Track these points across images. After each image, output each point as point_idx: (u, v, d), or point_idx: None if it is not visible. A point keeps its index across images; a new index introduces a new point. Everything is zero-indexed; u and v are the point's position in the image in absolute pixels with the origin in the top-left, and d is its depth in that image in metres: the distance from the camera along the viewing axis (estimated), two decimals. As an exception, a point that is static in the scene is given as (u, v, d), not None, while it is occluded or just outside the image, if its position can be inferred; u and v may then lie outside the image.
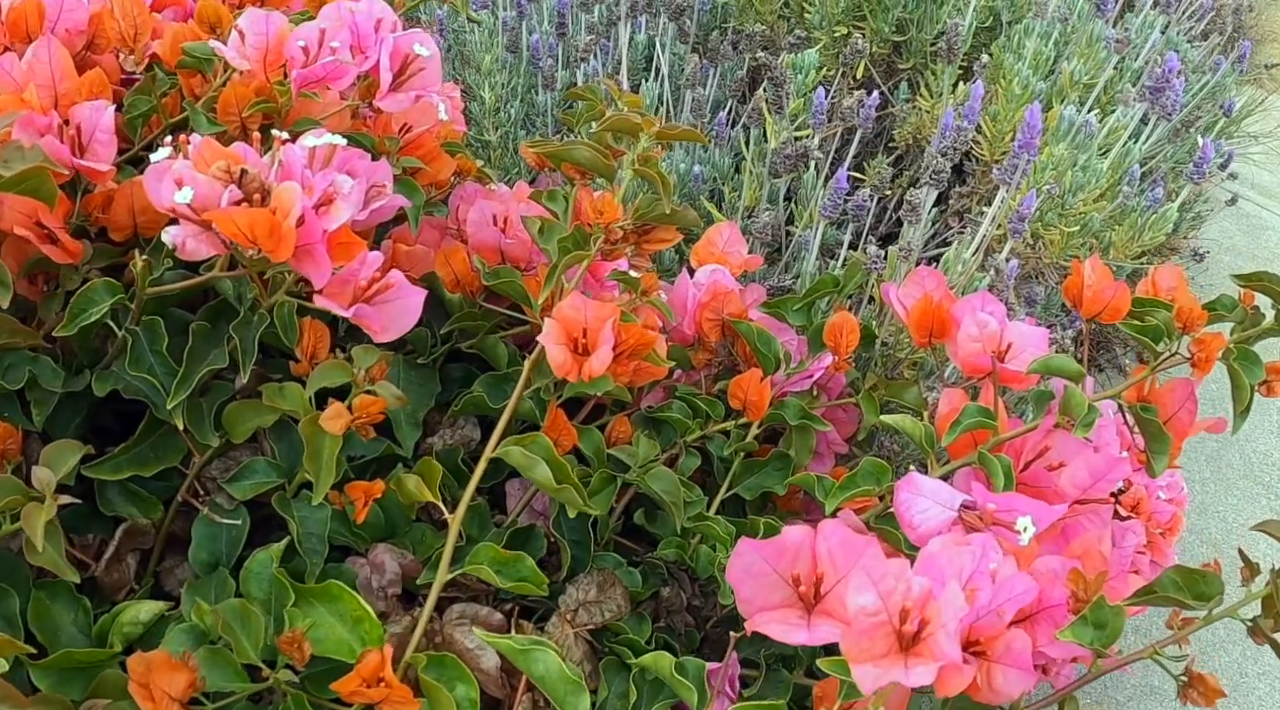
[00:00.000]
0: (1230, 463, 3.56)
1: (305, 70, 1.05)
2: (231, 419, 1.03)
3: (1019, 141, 1.50)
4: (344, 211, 0.87)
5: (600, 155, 1.09)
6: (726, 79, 2.37)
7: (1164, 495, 1.50)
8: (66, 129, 1.06)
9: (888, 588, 0.76)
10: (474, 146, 2.16)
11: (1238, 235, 5.02)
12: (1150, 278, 1.24)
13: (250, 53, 1.07)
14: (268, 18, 1.09)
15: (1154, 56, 2.25)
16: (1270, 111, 5.57)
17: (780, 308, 1.38)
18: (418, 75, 1.12)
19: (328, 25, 1.08)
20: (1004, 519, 0.94)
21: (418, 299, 0.99)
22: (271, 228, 0.83)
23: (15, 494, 0.88)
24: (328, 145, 0.94)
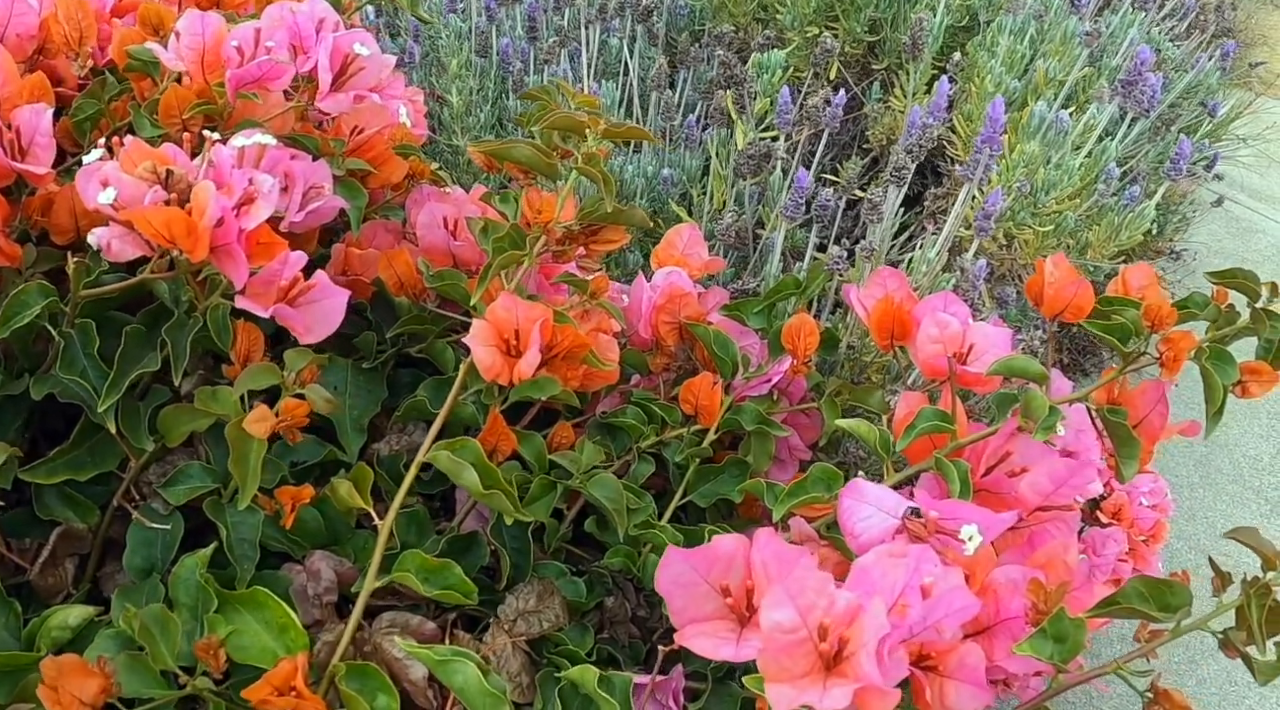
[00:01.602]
0: (1219, 467, 3.56)
1: (240, 71, 1.05)
2: (166, 423, 1.03)
3: (982, 136, 1.50)
4: (263, 211, 0.87)
5: (541, 154, 1.09)
6: (699, 81, 2.38)
7: (1147, 502, 1.50)
8: (7, 132, 1.06)
9: (807, 603, 0.75)
10: (444, 151, 2.17)
11: (1227, 238, 5.02)
12: (1121, 276, 1.23)
13: (186, 54, 1.07)
14: (203, 19, 1.09)
15: (1132, 53, 2.25)
16: (1260, 114, 5.55)
17: (740, 310, 1.38)
18: (358, 75, 1.12)
19: (265, 25, 1.08)
20: (948, 528, 0.93)
21: (341, 300, 0.98)
22: (188, 227, 0.83)
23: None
24: (257, 145, 0.94)
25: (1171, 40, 2.76)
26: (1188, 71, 2.58)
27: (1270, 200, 5.66)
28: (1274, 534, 3.30)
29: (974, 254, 1.53)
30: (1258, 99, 6.62)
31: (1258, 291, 1.20)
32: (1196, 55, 2.60)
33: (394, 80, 1.42)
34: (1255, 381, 1.21)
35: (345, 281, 1.28)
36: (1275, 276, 3.76)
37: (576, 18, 2.31)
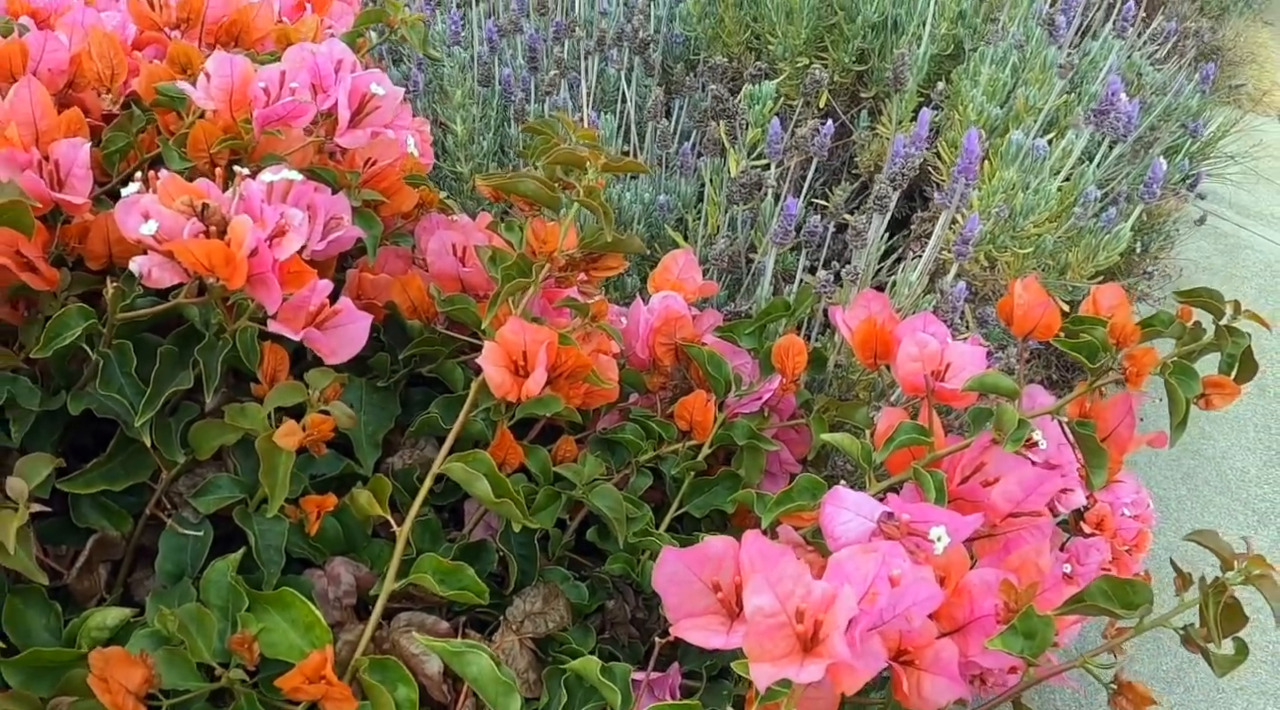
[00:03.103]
0: (1206, 480, 3.62)
1: (266, 110, 1.13)
2: (197, 437, 1.11)
3: (958, 166, 1.58)
4: (294, 242, 0.95)
5: (545, 187, 1.18)
6: (694, 109, 2.47)
7: (1129, 512, 1.57)
8: (46, 164, 1.14)
9: (785, 591, 0.84)
10: (447, 177, 2.25)
11: (1215, 255, 5.09)
12: (1092, 296, 1.31)
13: (215, 93, 1.16)
14: (232, 61, 1.17)
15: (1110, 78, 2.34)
16: (1247, 131, 5.63)
17: (733, 332, 1.46)
18: (375, 113, 1.21)
19: (289, 67, 1.17)
20: (919, 529, 1.01)
21: (364, 324, 1.07)
22: (226, 258, 0.92)
23: (-10, 505, 0.96)
24: (284, 180, 1.03)
25: (1152, 64, 2.84)
26: (1166, 94, 2.66)
27: (1258, 216, 5.73)
28: (1261, 545, 3.38)
29: (953, 277, 1.61)
30: (1245, 116, 6.71)
31: (1221, 309, 1.28)
32: (1176, 79, 2.69)
33: (402, 111, 1.51)
34: (1218, 394, 1.29)
35: (360, 305, 1.36)
36: (1262, 292, 3.93)
37: (576, 48, 2.41)
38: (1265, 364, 4.23)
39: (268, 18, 1.58)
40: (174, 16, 1.52)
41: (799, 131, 1.87)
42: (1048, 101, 2.14)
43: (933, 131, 2.33)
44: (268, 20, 1.58)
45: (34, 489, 1.00)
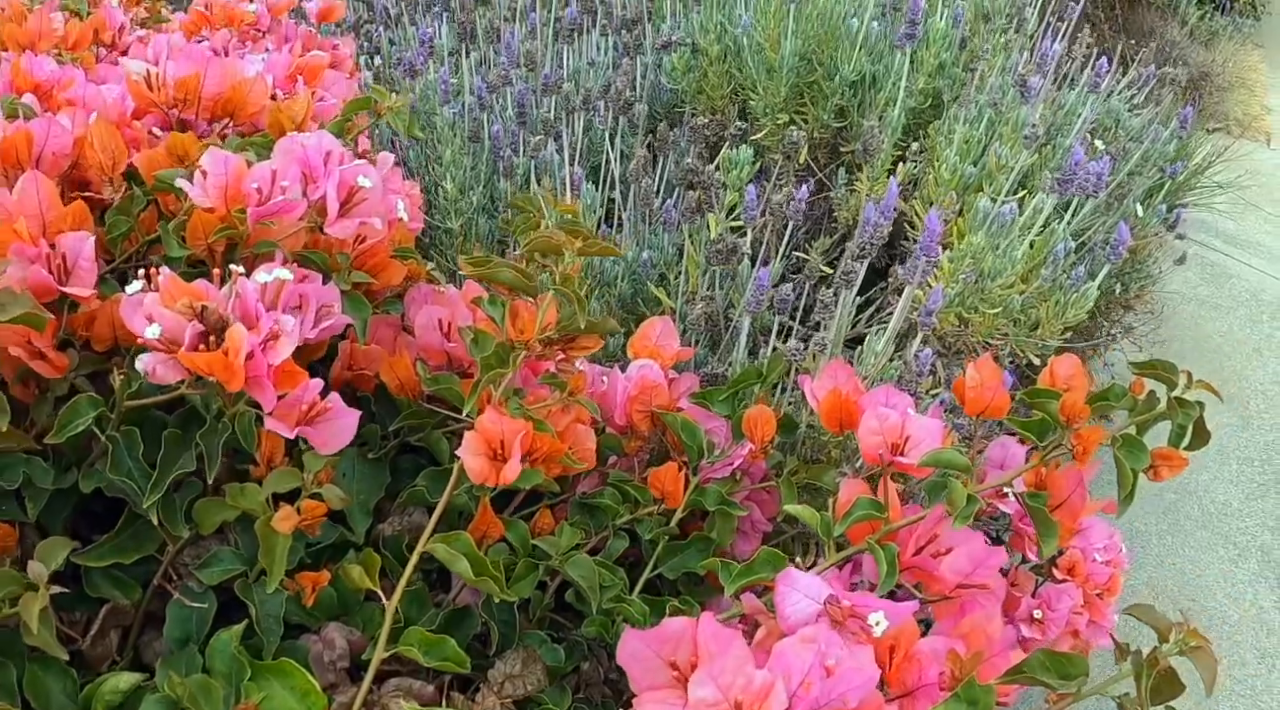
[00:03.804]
0: (1188, 513, 3.71)
1: (260, 209, 1.24)
2: (201, 514, 1.21)
3: (920, 244, 1.68)
4: (286, 348, 1.06)
5: (522, 276, 1.28)
6: (678, 166, 2.57)
7: (1101, 557, 1.67)
8: (53, 256, 1.24)
9: (726, 682, 0.94)
10: (437, 233, 2.36)
11: (1201, 285, 5.20)
12: (1050, 367, 1.41)
13: (212, 192, 1.26)
14: (226, 159, 1.27)
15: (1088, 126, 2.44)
16: (1236, 158, 5.72)
17: (707, 399, 1.56)
18: (362, 204, 1.31)
19: (280, 163, 1.27)
20: (860, 613, 1.11)
21: (352, 419, 1.17)
22: (225, 365, 1.02)
23: (13, 585, 1.07)
24: (277, 280, 1.13)
25: (1131, 108, 2.94)
26: (1143, 142, 2.77)
27: (1244, 245, 5.82)
28: (1241, 579, 3.47)
29: (918, 345, 1.71)
30: (1235, 143, 6.81)
31: (1174, 381, 1.37)
32: (1151, 128, 2.79)
33: (391, 175, 1.61)
34: (1166, 466, 1.40)
35: (351, 375, 1.47)
36: (1248, 320, 4.06)
37: (564, 102, 2.51)
38: (1249, 397, 4.35)
39: (261, 93, 1.68)
40: (171, 97, 1.62)
41: (777, 196, 1.97)
42: (1019, 161, 2.24)
43: (911, 184, 2.44)
44: (261, 96, 1.68)
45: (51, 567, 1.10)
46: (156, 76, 1.62)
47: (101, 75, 1.86)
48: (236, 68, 1.68)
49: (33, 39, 2.00)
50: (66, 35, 2.05)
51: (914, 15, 2.29)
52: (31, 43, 2.00)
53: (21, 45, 1.99)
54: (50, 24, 2.04)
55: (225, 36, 2.19)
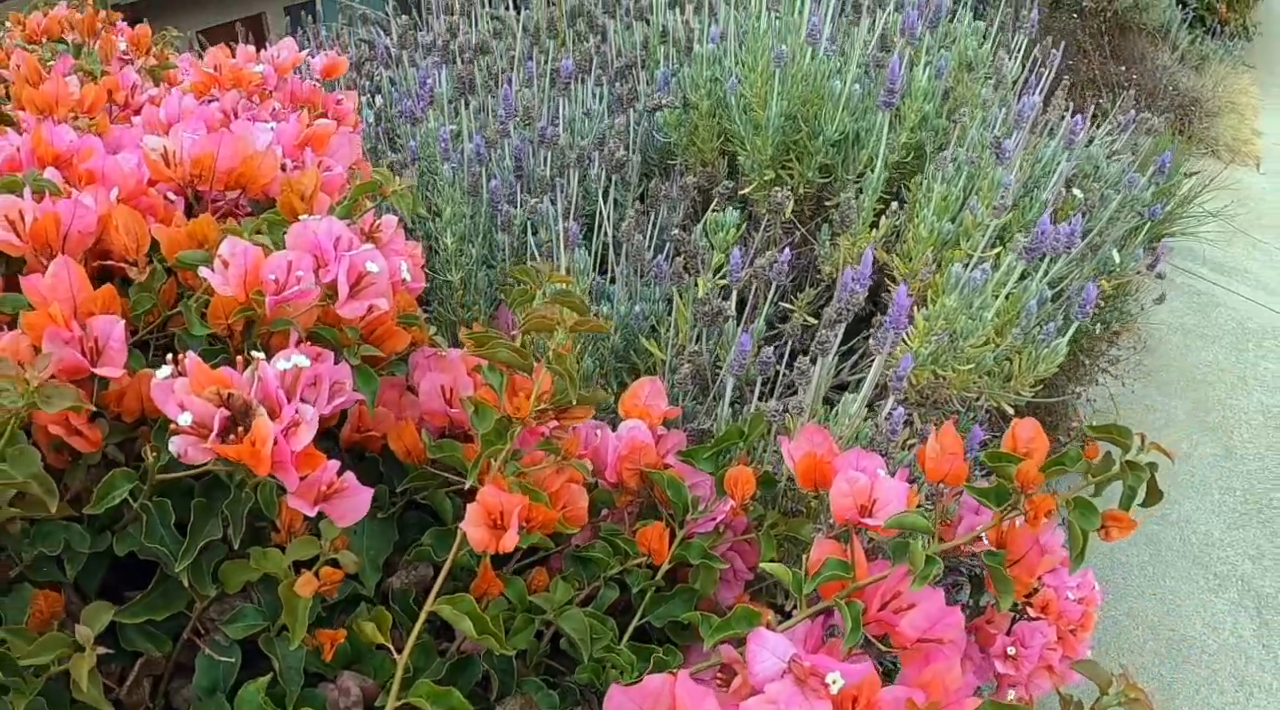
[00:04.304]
0: (1170, 544, 3.83)
1: (277, 298, 1.37)
2: (227, 575, 1.35)
3: (889, 318, 1.81)
4: (306, 435, 1.19)
5: (519, 356, 1.41)
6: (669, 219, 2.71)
7: (1073, 595, 1.80)
8: (85, 338, 1.37)
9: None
10: (437, 284, 2.50)
11: (1188, 314, 5.33)
12: (1011, 431, 1.54)
13: (232, 280, 1.40)
14: (245, 250, 1.41)
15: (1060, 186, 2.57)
16: (1224, 187, 5.86)
17: (692, 456, 1.70)
18: (370, 287, 1.44)
19: (294, 253, 1.41)
20: (820, 672, 1.24)
21: (366, 495, 1.31)
22: (252, 454, 1.16)
23: (63, 647, 1.21)
24: (295, 367, 1.26)
25: (1109, 156, 3.08)
26: (1120, 191, 2.90)
27: (1232, 272, 5.94)
28: (1221, 608, 3.60)
29: (890, 407, 1.85)
30: (1225, 169, 6.94)
31: (1127, 444, 1.51)
32: (1127, 176, 2.92)
33: (395, 237, 1.75)
34: (1116, 527, 1.54)
35: (359, 437, 1.60)
36: (1234, 349, 4.23)
37: (560, 157, 2.65)
38: (1233, 427, 4.49)
39: (271, 166, 1.82)
40: (188, 173, 1.75)
41: (759, 261, 2.10)
42: (995, 221, 2.37)
43: (894, 235, 2.58)
44: (272, 168, 1.82)
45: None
46: (173, 154, 1.75)
47: (116, 137, 1.99)
48: (248, 142, 1.81)
49: (50, 103, 2.13)
50: (82, 99, 2.17)
51: (892, 83, 2.43)
52: (50, 107, 2.12)
53: (40, 109, 2.11)
54: (66, 88, 2.16)
55: (234, 98, 2.31)
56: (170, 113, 2.13)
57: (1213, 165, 7.34)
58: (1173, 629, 3.46)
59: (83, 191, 1.65)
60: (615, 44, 3.61)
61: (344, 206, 1.65)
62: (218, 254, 1.43)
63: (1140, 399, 4.55)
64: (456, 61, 3.33)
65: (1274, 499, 4.14)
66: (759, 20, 2.82)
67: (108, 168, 1.74)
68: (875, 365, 1.83)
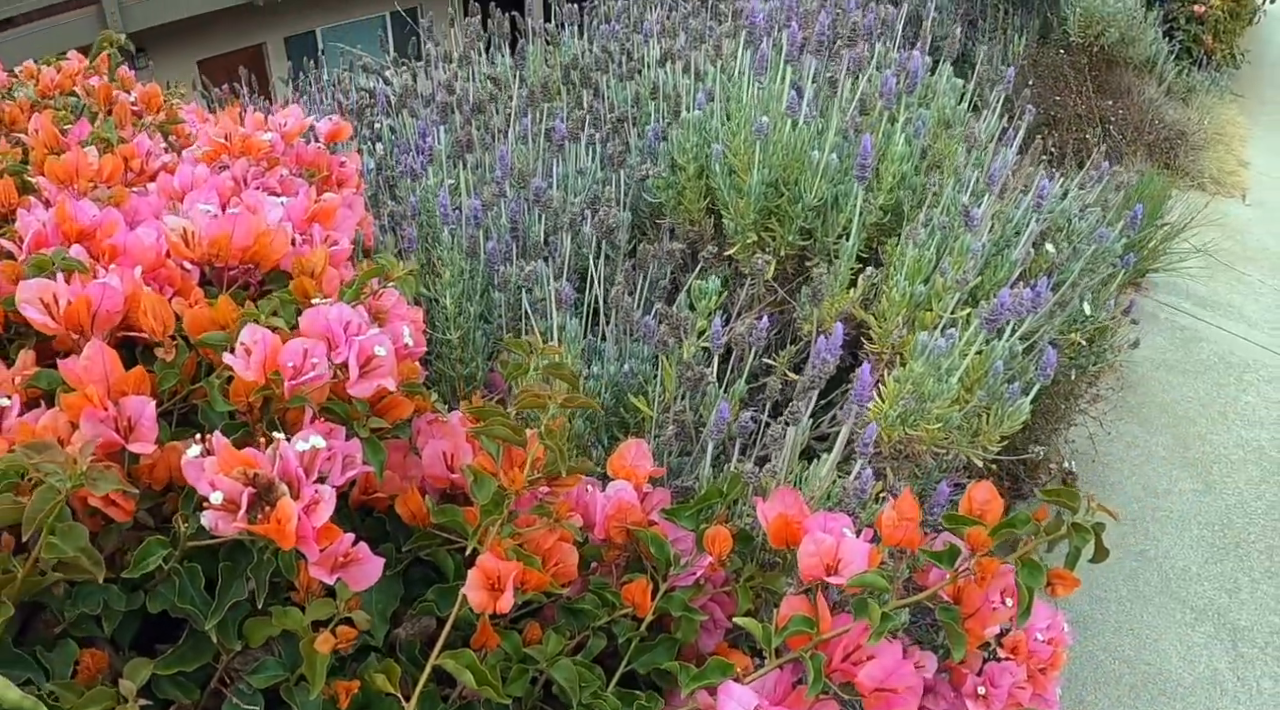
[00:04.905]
0: (1148, 580, 3.97)
1: (294, 382, 1.54)
2: (250, 630, 1.52)
3: (854, 393, 1.98)
4: (326, 512, 1.36)
5: (514, 432, 1.58)
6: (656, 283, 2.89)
7: (1043, 636, 1.94)
8: (120, 418, 1.54)
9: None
10: (437, 345, 2.67)
11: (1170, 349, 5.48)
12: (968, 494, 1.71)
13: (254, 366, 1.56)
14: (265, 337, 1.58)
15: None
16: (1209, 222, 6.01)
17: (675, 515, 1.86)
18: (379, 369, 1.61)
19: (309, 344, 1.57)
20: (778, 722, 1.42)
21: (378, 564, 1.48)
22: (278, 531, 1.33)
23: (108, 701, 1.38)
24: (313, 448, 1.43)
25: (1083, 209, 3.25)
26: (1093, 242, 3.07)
27: (1215, 306, 6.07)
28: (1197, 641, 3.76)
29: (857, 471, 2.01)
30: (1210, 201, 7.10)
31: (1075, 507, 1.68)
32: (1097, 231, 3.09)
33: (397, 304, 1.92)
34: (1061, 584, 1.71)
35: (368, 499, 1.77)
36: (1217, 384, 4.44)
37: (553, 218, 2.83)
38: (1212, 462, 4.64)
39: (283, 243, 1.98)
40: (205, 252, 1.92)
41: (740, 328, 2.28)
42: (962, 290, 2.53)
43: (871, 292, 2.75)
44: (283, 245, 1.98)
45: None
46: (192, 235, 1.91)
47: (134, 207, 2.15)
48: (260, 221, 1.97)
49: (71, 174, 2.29)
50: (100, 169, 2.34)
51: (864, 159, 2.60)
52: (71, 177, 2.29)
53: (61, 180, 2.28)
54: (86, 160, 2.33)
55: (244, 166, 2.47)
56: (184, 181, 2.31)
57: (1199, 198, 7.51)
58: (1149, 663, 3.61)
59: (107, 267, 1.82)
60: (608, 98, 3.79)
61: (351, 291, 1.81)
62: (239, 340, 1.59)
63: (1122, 435, 4.69)
64: (455, 113, 3.50)
65: (1251, 533, 4.28)
66: (742, 89, 3.00)
67: (129, 243, 1.91)
68: (842, 433, 1.99)
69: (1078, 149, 7.16)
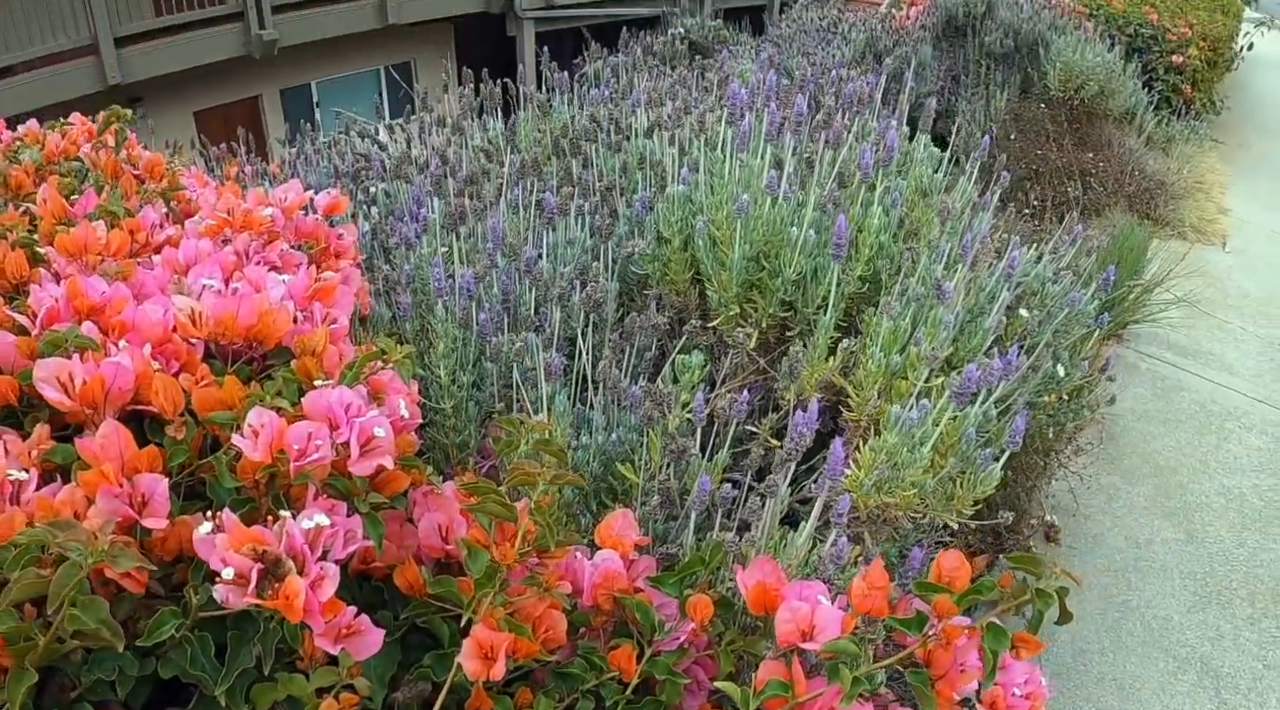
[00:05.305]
0: (1130, 630, 4.03)
1: (298, 463, 1.64)
2: (258, 695, 1.62)
3: (826, 468, 2.08)
4: (330, 588, 1.46)
5: (506, 509, 1.68)
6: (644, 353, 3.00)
7: (1020, 691, 2.02)
8: (134, 494, 1.63)
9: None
10: (431, 414, 2.77)
11: (1151, 399, 5.57)
12: (937, 562, 1.81)
13: (261, 447, 1.66)
14: (271, 420, 1.68)
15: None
16: (1188, 273, 6.09)
17: (660, 582, 1.96)
18: (377, 448, 1.71)
19: (313, 428, 1.68)
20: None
21: (378, 635, 1.58)
22: (287, 606, 1.42)
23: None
24: (317, 526, 1.53)
25: (1057, 272, 3.36)
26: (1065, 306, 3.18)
27: (1196, 355, 6.16)
28: (1180, 690, 3.83)
29: (833, 541, 2.11)
30: (1191, 249, 7.21)
31: (1039, 573, 1.77)
32: (1069, 295, 3.20)
33: (393, 380, 2.02)
34: (1024, 648, 1.80)
35: (367, 568, 1.86)
36: (1198, 432, 4.55)
37: (543, 290, 2.94)
38: (1194, 510, 4.73)
39: (285, 322, 2.09)
40: (211, 331, 2.02)
41: (720, 402, 2.38)
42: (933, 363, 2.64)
43: (851, 360, 2.85)
44: (285, 324, 2.09)
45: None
46: (199, 315, 2.02)
47: (140, 281, 2.26)
48: (263, 300, 2.08)
49: (80, 249, 2.39)
50: (108, 244, 2.44)
51: (839, 239, 2.71)
52: (80, 251, 2.40)
53: (71, 254, 2.38)
54: (95, 235, 2.43)
55: (245, 240, 2.58)
56: (188, 256, 2.42)
57: (1179, 247, 7.64)
58: None
59: (116, 343, 1.92)
60: (598, 166, 3.91)
61: (352, 374, 1.91)
62: (247, 423, 1.70)
63: (1104, 487, 4.78)
64: (449, 179, 3.61)
65: (1233, 581, 4.35)
66: (724, 166, 3.12)
67: (138, 319, 2.01)
68: (817, 504, 2.09)
69: (1060, 202, 7.29)
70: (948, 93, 9.11)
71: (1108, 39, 10.62)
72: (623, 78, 4.82)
